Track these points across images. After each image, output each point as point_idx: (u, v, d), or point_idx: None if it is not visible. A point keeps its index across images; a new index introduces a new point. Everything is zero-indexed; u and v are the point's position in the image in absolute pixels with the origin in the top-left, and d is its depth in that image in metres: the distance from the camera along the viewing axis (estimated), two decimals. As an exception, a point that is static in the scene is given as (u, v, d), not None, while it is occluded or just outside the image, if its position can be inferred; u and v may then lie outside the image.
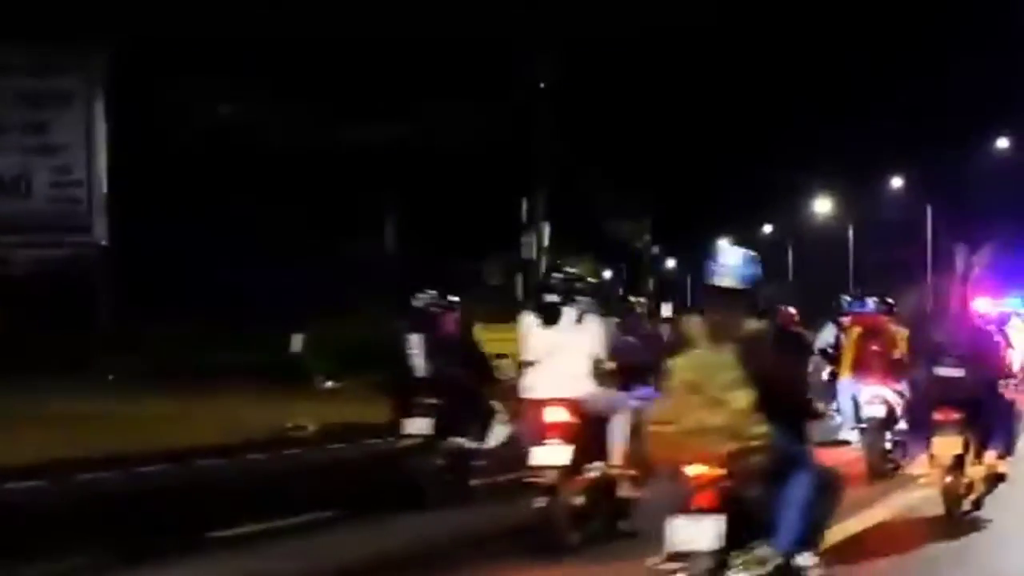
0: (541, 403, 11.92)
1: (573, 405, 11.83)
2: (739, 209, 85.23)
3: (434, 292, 16.17)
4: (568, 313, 12.16)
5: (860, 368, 17.20)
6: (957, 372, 13.08)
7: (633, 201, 58.02)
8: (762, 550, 8.24)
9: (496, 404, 15.42)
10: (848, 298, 21.85)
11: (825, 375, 19.66)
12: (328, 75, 39.07)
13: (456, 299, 16.71)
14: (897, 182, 77.99)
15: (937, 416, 13.14)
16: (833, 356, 19.42)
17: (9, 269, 32.72)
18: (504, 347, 24.19)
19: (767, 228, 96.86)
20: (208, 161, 38.72)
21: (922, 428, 13.38)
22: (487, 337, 33.10)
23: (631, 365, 13.01)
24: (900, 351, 15.80)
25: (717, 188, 72.95)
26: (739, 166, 72.15)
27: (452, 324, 16.12)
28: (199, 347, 31.37)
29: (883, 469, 16.31)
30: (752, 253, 9.10)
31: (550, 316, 12.15)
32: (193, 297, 31.95)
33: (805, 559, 8.37)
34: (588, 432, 11.89)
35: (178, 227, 38.84)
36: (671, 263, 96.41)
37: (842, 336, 19.31)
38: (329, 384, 31.00)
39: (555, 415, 11.80)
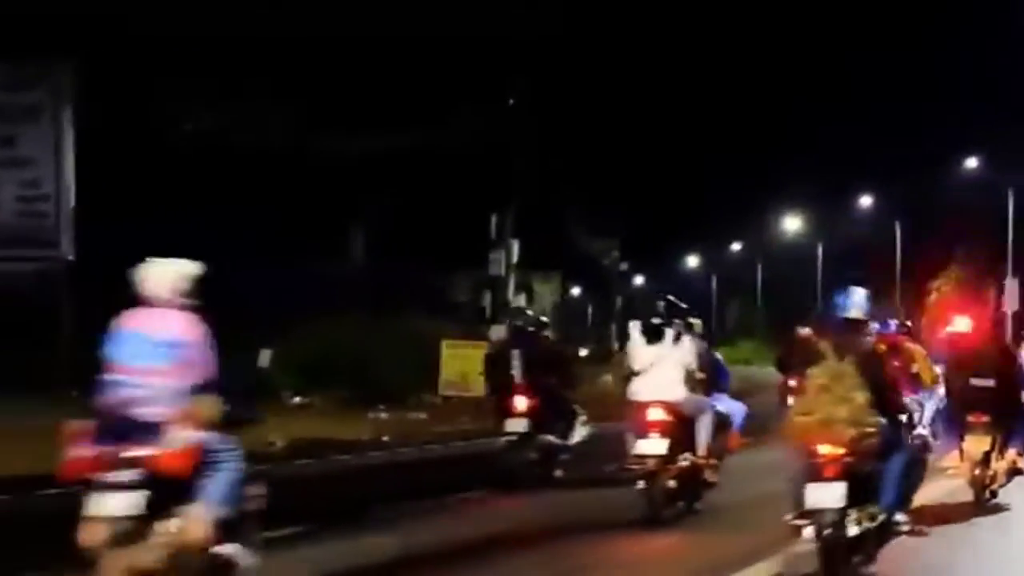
0: (645, 404, 14.93)
1: (670, 407, 14.87)
2: (708, 227, 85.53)
3: (531, 314, 21.29)
4: (668, 333, 15.23)
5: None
6: (989, 383, 16.22)
7: (602, 219, 58.08)
8: (871, 509, 11.25)
9: (578, 407, 18.82)
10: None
11: None
12: (299, 86, 39.04)
13: (546, 319, 20.48)
14: (866, 201, 78.23)
15: (970, 419, 16.29)
16: None
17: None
18: (467, 364, 24.51)
19: (736, 246, 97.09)
20: (173, 173, 38.65)
21: (954, 429, 16.46)
22: (450, 354, 33.11)
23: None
24: (917, 366, 17.84)
25: (686, 206, 73.09)
26: (708, 185, 72.38)
27: (544, 340, 19.44)
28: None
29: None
30: (867, 291, 11.96)
31: (654, 335, 15.21)
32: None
33: (900, 516, 11.49)
34: (681, 429, 14.93)
35: (143, 240, 38.72)
36: (639, 280, 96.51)
37: None
38: (297, 400, 30.97)
39: (656, 414, 14.81)
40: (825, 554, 11.10)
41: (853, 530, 11.16)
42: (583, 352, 56.81)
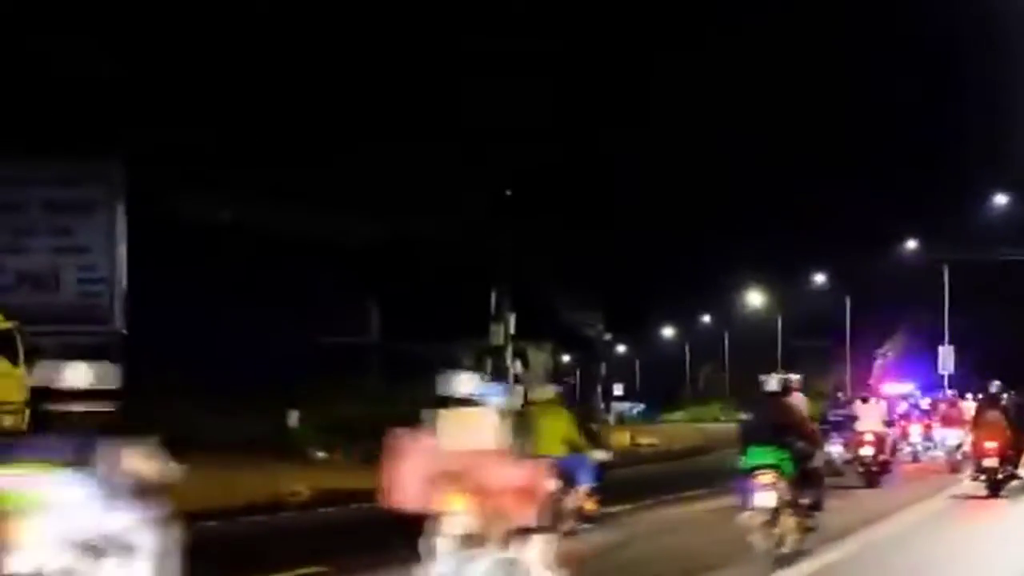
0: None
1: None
2: (680, 301, 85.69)
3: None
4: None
5: (945, 423, 32.68)
6: (999, 421, 23.53)
7: (586, 296, 58.31)
8: None
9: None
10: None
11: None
12: (326, 181, 39.32)
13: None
14: (820, 278, 78.46)
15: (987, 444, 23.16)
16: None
17: (41, 355, 32.61)
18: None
19: (705, 318, 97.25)
20: (213, 257, 38.83)
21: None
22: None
23: None
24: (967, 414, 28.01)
25: (660, 284, 73.30)
26: (679, 265, 72.61)
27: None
28: (202, 423, 31.30)
29: (958, 468, 28.02)
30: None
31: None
32: (197, 379, 31.96)
33: None
34: None
35: (188, 317, 38.91)
36: (621, 348, 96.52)
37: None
38: (321, 455, 30.98)
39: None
40: None
41: None
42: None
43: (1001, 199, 58.89)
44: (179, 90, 39.12)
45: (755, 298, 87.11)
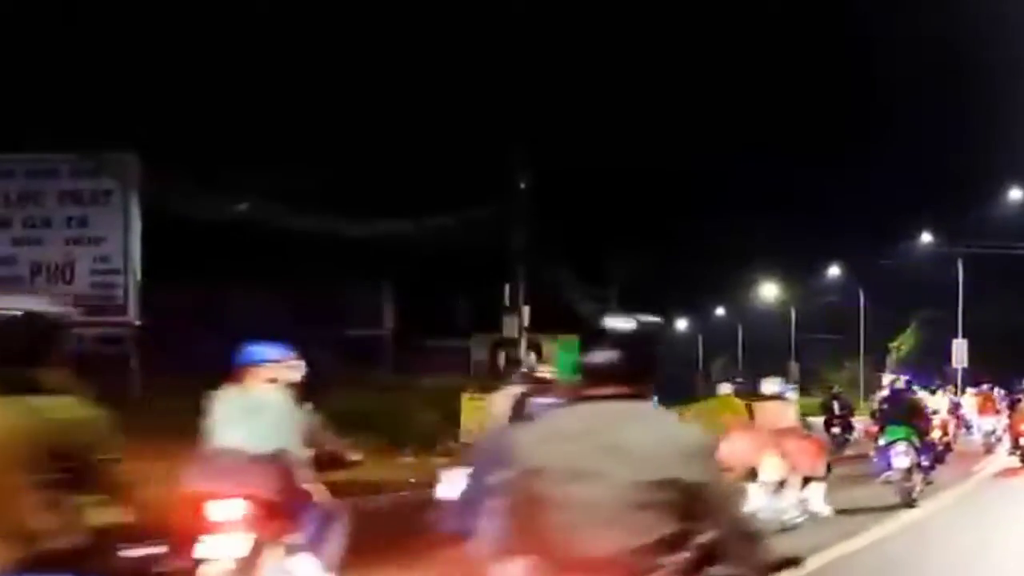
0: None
1: None
2: (694, 294, 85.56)
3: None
4: None
5: (982, 412, 35.88)
6: None
7: (601, 286, 58.21)
8: None
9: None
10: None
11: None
12: (343, 174, 39.34)
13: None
14: (834, 271, 78.30)
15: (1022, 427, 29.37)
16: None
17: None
18: (485, 415, 24.18)
19: (720, 311, 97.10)
20: (229, 249, 38.83)
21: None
22: (470, 406, 33.13)
23: None
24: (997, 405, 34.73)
25: (675, 276, 73.17)
26: (693, 258, 72.49)
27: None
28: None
29: (992, 449, 33.28)
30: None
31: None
32: (210, 369, 31.90)
33: None
34: None
35: (199, 308, 38.90)
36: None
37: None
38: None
39: None
40: None
41: None
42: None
43: (1016, 193, 58.63)
44: (195, 81, 39.15)
45: (769, 291, 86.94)
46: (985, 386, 39.02)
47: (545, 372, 13.29)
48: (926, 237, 64.71)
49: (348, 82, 40.96)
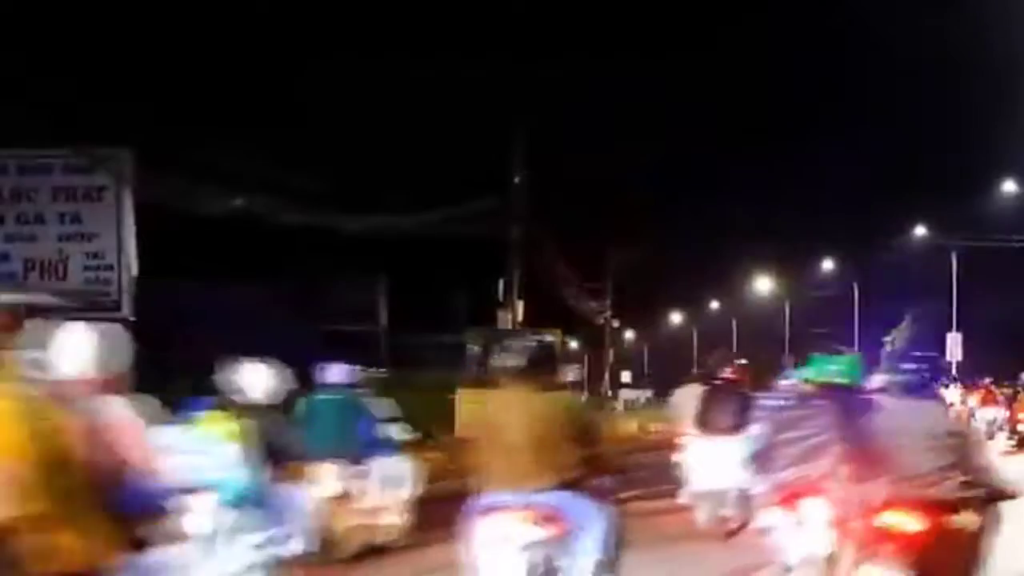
0: None
1: None
2: (688, 288, 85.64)
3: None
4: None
5: (984, 403, 38.16)
6: None
7: (596, 281, 58.22)
8: None
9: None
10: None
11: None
12: (336, 171, 39.31)
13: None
14: (828, 264, 78.33)
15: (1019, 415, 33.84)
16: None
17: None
18: (480, 409, 23.88)
19: (714, 304, 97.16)
20: (224, 244, 38.79)
21: None
22: (466, 399, 33.16)
23: None
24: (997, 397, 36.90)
25: (670, 270, 73.22)
26: (687, 251, 72.51)
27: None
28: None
29: (993, 436, 35.00)
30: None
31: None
32: (204, 366, 31.88)
33: None
34: None
35: (193, 304, 38.86)
36: (630, 335, 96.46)
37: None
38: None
39: None
40: None
41: None
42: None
43: (1010, 186, 58.63)
44: (188, 75, 39.09)
45: (763, 285, 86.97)
46: (987, 379, 42.07)
47: (729, 372, 16.46)
48: (920, 230, 64.72)
49: (344, 76, 40.87)
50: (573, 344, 67.63)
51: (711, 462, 15.11)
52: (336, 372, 14.37)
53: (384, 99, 42.27)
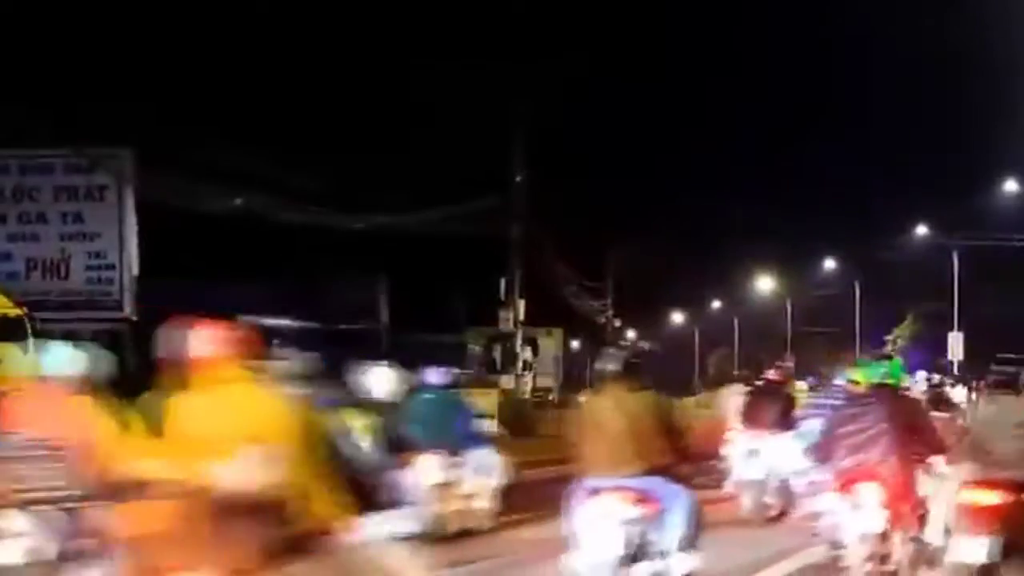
0: None
1: None
2: (690, 287, 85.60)
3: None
4: None
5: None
6: None
7: (597, 281, 58.23)
8: None
9: None
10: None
11: None
12: (338, 169, 39.34)
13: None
14: (830, 263, 78.29)
15: None
16: None
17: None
18: (481, 408, 24.10)
19: (715, 303, 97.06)
20: (225, 243, 38.82)
21: None
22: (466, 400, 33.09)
23: None
24: None
25: (671, 269, 73.25)
26: (689, 251, 72.55)
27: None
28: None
29: None
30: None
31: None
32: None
33: None
34: None
35: (195, 303, 38.83)
36: (631, 334, 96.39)
37: None
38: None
39: None
40: None
41: None
42: (582, 398, 56.79)
43: (1012, 185, 58.59)
44: (189, 75, 39.12)
45: (765, 284, 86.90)
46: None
47: (775, 375, 18.33)
48: (922, 229, 64.67)
49: (345, 75, 40.93)
50: (575, 344, 67.68)
51: (755, 455, 16.99)
52: (436, 374, 16.05)
53: (385, 98, 42.33)
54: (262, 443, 6.89)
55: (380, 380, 11.20)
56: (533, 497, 15.75)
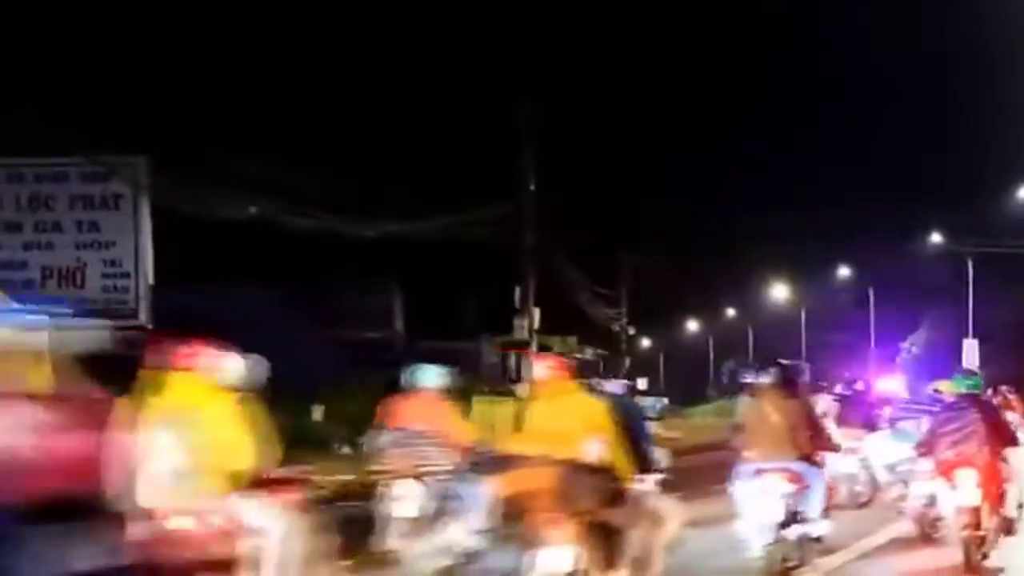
0: None
1: None
2: (704, 295, 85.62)
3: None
4: None
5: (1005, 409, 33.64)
6: None
7: (612, 288, 58.27)
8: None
9: None
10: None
11: None
12: (353, 178, 39.45)
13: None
14: (844, 271, 78.26)
15: None
16: None
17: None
18: (495, 417, 24.32)
19: (730, 311, 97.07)
20: (238, 251, 38.90)
21: None
22: (480, 408, 33.16)
23: None
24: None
25: (686, 277, 73.27)
26: (706, 258, 72.55)
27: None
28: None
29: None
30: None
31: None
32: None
33: None
34: None
35: (210, 311, 38.97)
36: (646, 342, 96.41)
37: None
38: (345, 449, 30.98)
39: None
40: None
41: None
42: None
43: (1025, 192, 58.48)
44: (202, 82, 39.26)
45: (779, 292, 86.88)
46: (1003, 387, 43.19)
47: (858, 386, 23.34)
48: (936, 237, 64.63)
49: (358, 81, 41.07)
50: (589, 352, 67.76)
51: (849, 452, 19.23)
52: (614, 385, 17.54)
53: (400, 106, 42.45)
54: (596, 432, 11.37)
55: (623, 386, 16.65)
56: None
